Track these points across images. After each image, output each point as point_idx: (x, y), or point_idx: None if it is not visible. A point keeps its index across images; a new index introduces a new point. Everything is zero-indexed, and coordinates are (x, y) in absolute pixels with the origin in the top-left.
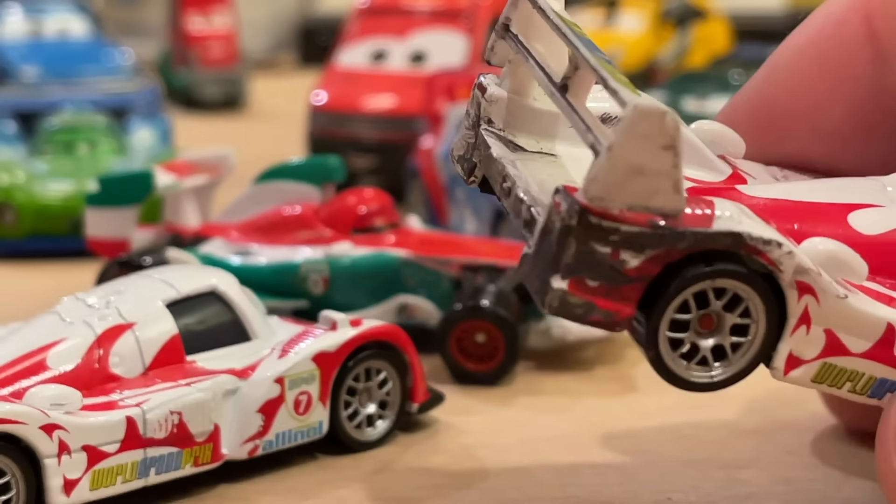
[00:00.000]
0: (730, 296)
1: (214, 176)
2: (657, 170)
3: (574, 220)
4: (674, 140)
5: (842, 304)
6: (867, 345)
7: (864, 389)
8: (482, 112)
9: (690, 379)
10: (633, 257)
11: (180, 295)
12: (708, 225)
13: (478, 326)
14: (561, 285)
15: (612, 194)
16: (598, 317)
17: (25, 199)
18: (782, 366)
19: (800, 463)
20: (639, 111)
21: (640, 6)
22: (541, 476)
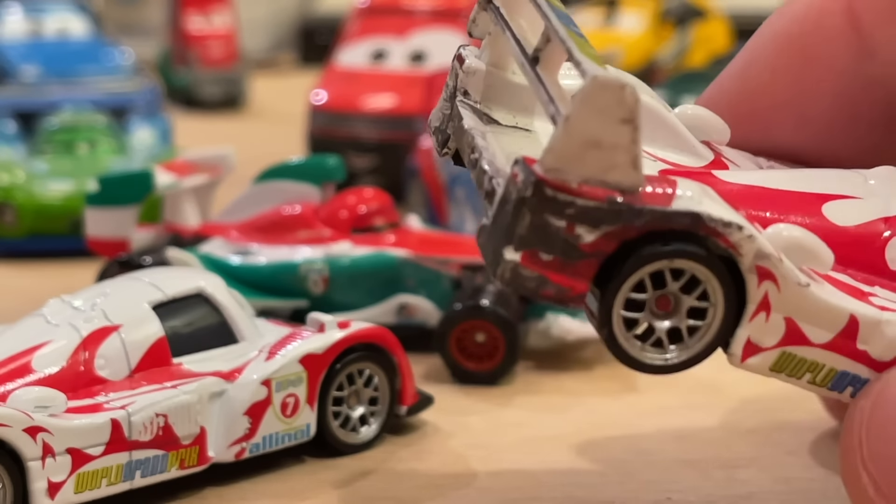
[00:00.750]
0: (687, 277)
1: (214, 176)
2: (615, 143)
3: (529, 192)
4: (632, 114)
5: (803, 293)
6: (829, 335)
7: (824, 381)
8: (458, 83)
9: (644, 360)
10: (588, 232)
11: (167, 297)
12: (667, 204)
13: (478, 326)
14: (514, 257)
15: (568, 166)
16: (550, 290)
17: (25, 198)
18: (739, 352)
19: (800, 463)
20: (598, 82)
21: (640, 6)
22: (541, 476)
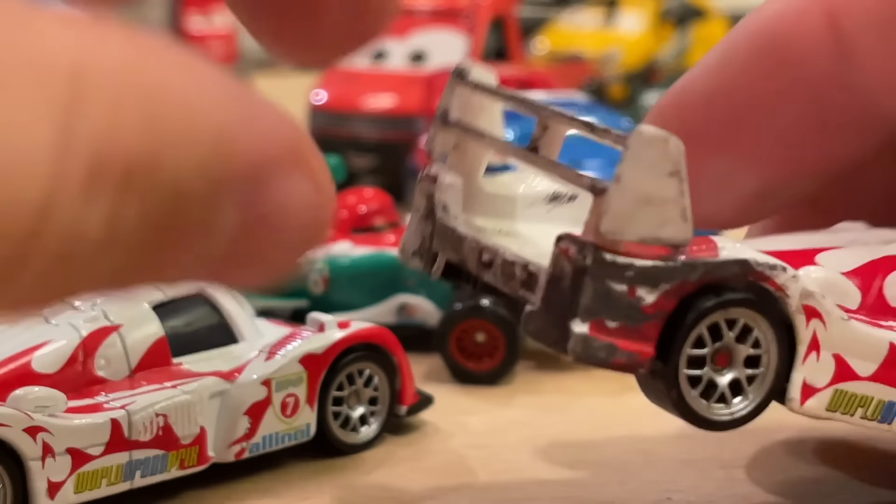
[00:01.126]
0: (741, 326)
1: None
2: (664, 197)
3: (589, 260)
4: (678, 165)
5: (847, 326)
6: (874, 367)
7: (874, 415)
8: (437, 200)
9: (713, 418)
10: (649, 293)
11: (167, 297)
12: (716, 254)
13: (478, 326)
14: (582, 329)
15: (624, 227)
16: (621, 359)
17: None
18: (798, 395)
19: (800, 463)
20: (644, 137)
21: (640, 6)
22: (541, 476)
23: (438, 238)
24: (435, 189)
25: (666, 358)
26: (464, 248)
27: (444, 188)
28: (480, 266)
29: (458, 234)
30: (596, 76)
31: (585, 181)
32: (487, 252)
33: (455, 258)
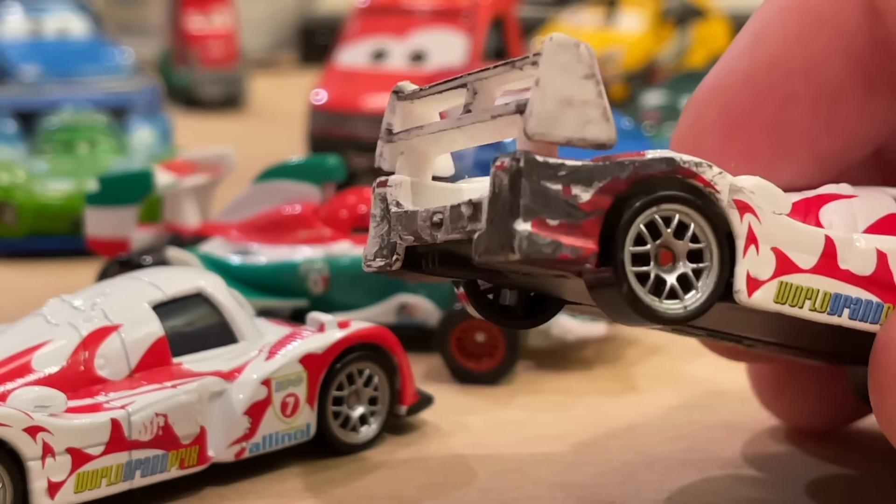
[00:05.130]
0: (676, 222)
1: (214, 175)
2: (584, 99)
3: (522, 163)
4: (593, 69)
5: (781, 220)
6: (813, 259)
7: (822, 307)
8: (390, 199)
9: (666, 312)
10: (583, 191)
11: (167, 297)
12: (643, 155)
13: (478, 326)
14: (525, 227)
15: (549, 127)
16: (566, 254)
17: (25, 198)
18: (744, 287)
19: (800, 462)
20: (555, 43)
21: (640, 6)
22: (541, 476)
23: (394, 229)
24: (385, 190)
25: (611, 256)
26: (416, 221)
27: (395, 186)
28: (433, 229)
29: (409, 212)
30: None
31: (510, 106)
32: (438, 213)
33: (410, 238)
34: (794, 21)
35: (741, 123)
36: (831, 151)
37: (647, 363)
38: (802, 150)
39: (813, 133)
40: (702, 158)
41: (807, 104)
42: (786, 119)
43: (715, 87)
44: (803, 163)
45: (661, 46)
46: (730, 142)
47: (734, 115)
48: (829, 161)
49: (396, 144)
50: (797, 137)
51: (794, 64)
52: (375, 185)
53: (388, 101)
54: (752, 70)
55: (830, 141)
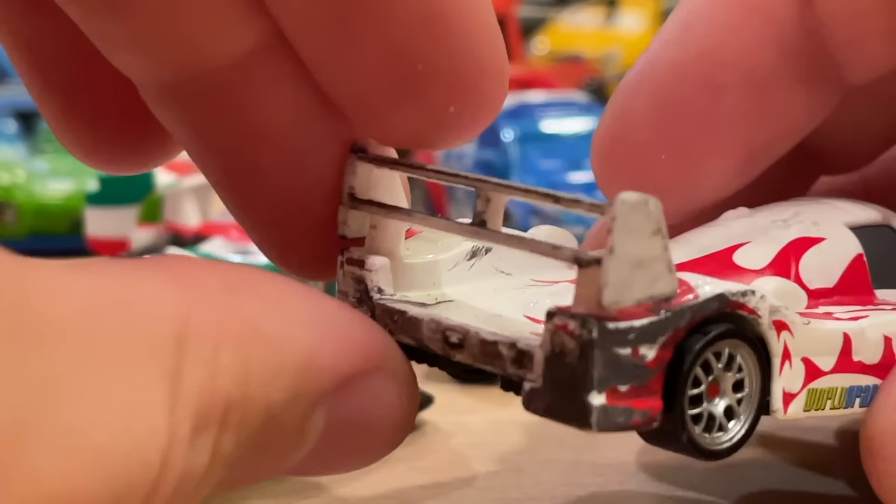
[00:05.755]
0: (726, 356)
1: None
2: (653, 256)
3: (595, 333)
4: (660, 223)
5: (809, 330)
6: (833, 359)
7: (840, 403)
8: (370, 284)
9: (717, 448)
10: (649, 349)
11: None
12: (696, 296)
13: None
14: (600, 400)
15: (623, 294)
16: (637, 419)
17: (26, 198)
18: (780, 405)
19: (800, 463)
20: (628, 205)
21: (640, 5)
22: (541, 476)
23: (381, 320)
24: (363, 273)
25: (671, 405)
26: (422, 330)
27: (376, 269)
28: (448, 346)
29: (408, 317)
30: (596, 76)
31: (566, 254)
32: (454, 332)
33: (410, 341)
34: (723, 10)
35: (672, 115)
36: (761, 143)
37: None
38: (734, 143)
39: (744, 125)
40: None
41: (738, 95)
42: (717, 111)
43: (643, 78)
44: (734, 156)
45: None
46: (660, 134)
47: (665, 107)
48: (758, 154)
49: (363, 213)
50: (729, 129)
51: (725, 54)
52: (344, 260)
53: (349, 161)
54: (682, 60)
55: (761, 132)
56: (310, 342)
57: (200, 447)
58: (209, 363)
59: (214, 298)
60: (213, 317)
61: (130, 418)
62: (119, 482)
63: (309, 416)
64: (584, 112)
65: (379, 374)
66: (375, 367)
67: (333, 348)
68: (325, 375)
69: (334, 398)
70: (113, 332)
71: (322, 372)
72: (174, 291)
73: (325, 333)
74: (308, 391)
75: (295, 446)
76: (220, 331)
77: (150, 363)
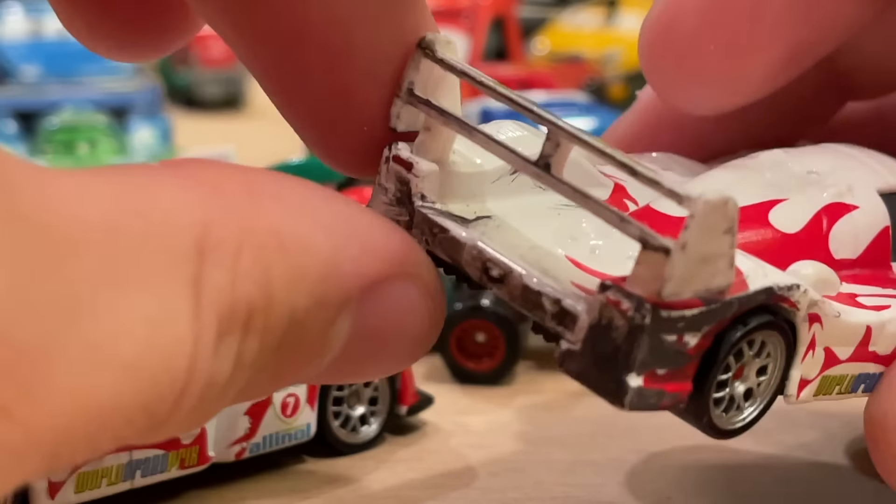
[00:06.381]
0: (759, 343)
1: None
2: (719, 253)
3: (647, 319)
4: (734, 223)
5: (838, 323)
6: (851, 349)
7: (846, 388)
8: (414, 188)
9: (732, 428)
10: (693, 337)
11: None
12: (746, 288)
13: (478, 326)
14: (637, 382)
15: (684, 287)
16: (667, 402)
17: None
18: (795, 391)
19: (801, 463)
20: (709, 207)
21: (640, 6)
22: (540, 476)
23: (420, 229)
24: (410, 176)
25: (700, 389)
26: (462, 254)
27: (423, 176)
28: (488, 279)
29: (451, 237)
30: (596, 76)
31: (634, 231)
32: (496, 266)
33: (447, 258)
34: None
35: (721, 6)
36: (806, 39)
37: None
38: (780, 36)
39: (791, 19)
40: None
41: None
42: (765, 3)
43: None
44: (780, 50)
45: None
46: (709, 25)
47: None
48: (802, 50)
49: (418, 111)
50: (776, 22)
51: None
52: (391, 156)
53: (413, 56)
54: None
55: (807, 27)
56: (332, 247)
57: (225, 352)
58: (230, 268)
59: (234, 203)
60: (234, 222)
61: (155, 328)
62: (148, 392)
63: (333, 322)
64: (584, 112)
65: (404, 279)
66: (400, 272)
67: (356, 253)
68: (348, 280)
69: (359, 304)
70: (133, 242)
71: (345, 277)
72: (194, 197)
73: (347, 238)
74: (331, 296)
75: (319, 352)
76: (241, 236)
77: (171, 271)
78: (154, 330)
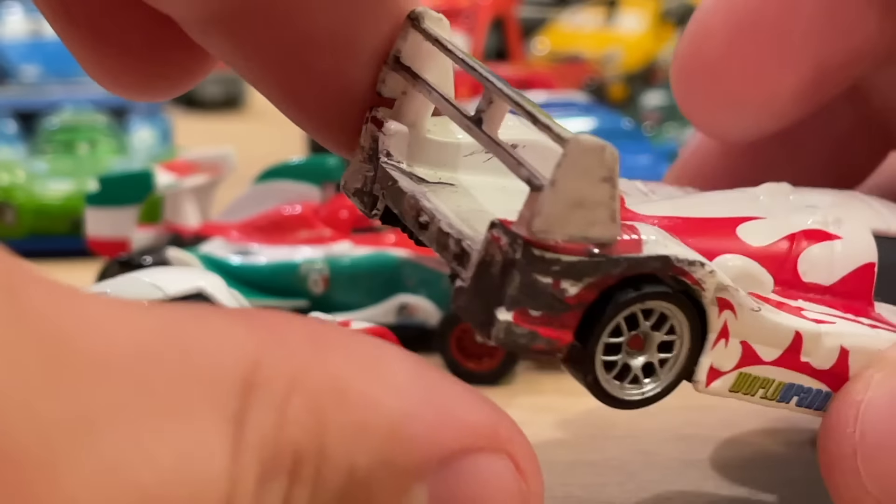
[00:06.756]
0: (657, 315)
1: (214, 175)
2: (596, 201)
3: (518, 254)
4: (612, 172)
5: (756, 317)
6: (777, 353)
7: (774, 395)
8: (381, 145)
9: (624, 397)
10: (572, 286)
11: (167, 296)
12: (639, 250)
13: None
14: (506, 317)
15: (555, 227)
16: (540, 345)
17: (25, 198)
18: (704, 378)
19: (801, 463)
20: (580, 147)
21: (640, 6)
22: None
23: (380, 183)
24: (379, 135)
25: (584, 345)
26: (403, 203)
27: (390, 135)
28: (417, 226)
29: (397, 187)
30: (596, 76)
31: (523, 173)
32: (424, 214)
33: (394, 208)
34: None
35: (746, 28)
36: (833, 62)
37: None
38: (806, 58)
39: (817, 40)
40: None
41: (811, 9)
42: (791, 24)
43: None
44: (806, 72)
45: (661, 47)
46: (734, 48)
47: (739, 20)
48: (830, 73)
49: (400, 77)
50: (802, 44)
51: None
52: (370, 117)
53: (403, 26)
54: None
55: (834, 50)
56: (401, 407)
57: (269, 498)
58: (278, 409)
59: (293, 347)
60: (288, 363)
61: (185, 461)
62: None
63: (406, 490)
64: (584, 112)
65: (491, 454)
66: (486, 445)
67: (431, 418)
68: (419, 446)
69: (437, 475)
70: (168, 370)
71: (416, 441)
72: (245, 334)
73: (421, 401)
74: (400, 460)
75: None
76: (295, 378)
77: (210, 405)
78: (183, 462)
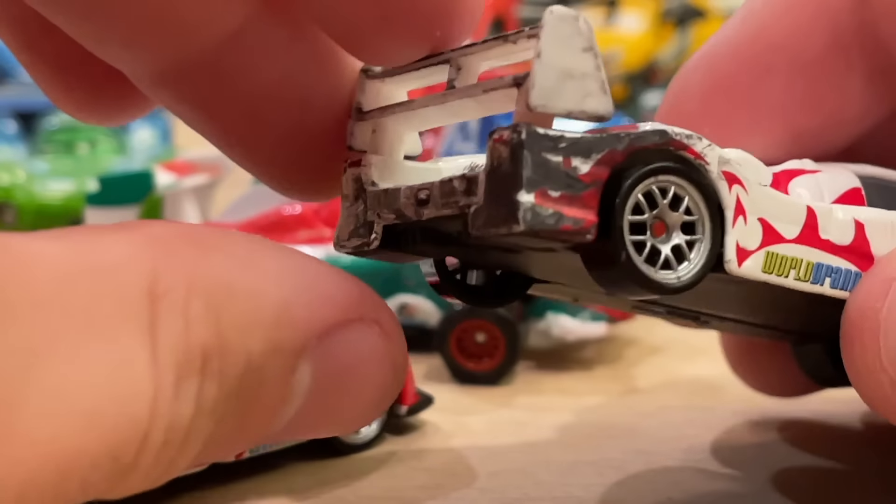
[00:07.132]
0: (672, 195)
1: (214, 175)
2: (584, 72)
3: (524, 135)
4: (591, 42)
5: (767, 192)
6: (797, 229)
7: (806, 276)
8: (364, 178)
9: (662, 281)
10: (582, 163)
11: None
12: (636, 128)
13: (478, 326)
14: (529, 198)
15: (551, 100)
16: (568, 224)
17: (26, 198)
18: (734, 257)
19: (800, 462)
20: (556, 15)
21: (640, 6)
22: (541, 476)
23: (372, 207)
24: (360, 169)
25: (609, 225)
26: (399, 198)
27: (373, 164)
28: (418, 206)
29: (390, 190)
30: None
31: (507, 80)
32: (423, 189)
33: (391, 216)
34: None
35: (720, 91)
36: (806, 127)
37: (647, 363)
38: (777, 124)
39: (788, 107)
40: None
41: (784, 77)
42: (763, 91)
43: (703, 54)
44: (778, 137)
45: (661, 47)
46: (708, 108)
47: (715, 82)
48: (807, 138)
49: (367, 123)
50: (772, 110)
51: (776, 36)
52: (347, 166)
53: (358, 80)
54: (739, 40)
55: (805, 117)
56: (282, 294)
57: (185, 396)
58: (182, 313)
59: (182, 255)
60: (181, 271)
61: (115, 376)
62: (112, 439)
63: (292, 369)
64: None
65: (360, 324)
66: (356, 317)
67: (308, 300)
68: (302, 326)
69: (317, 351)
70: (86, 296)
71: (298, 323)
72: (142, 251)
73: (297, 286)
74: (287, 343)
75: (282, 401)
76: (189, 283)
77: (125, 320)
78: (114, 377)
